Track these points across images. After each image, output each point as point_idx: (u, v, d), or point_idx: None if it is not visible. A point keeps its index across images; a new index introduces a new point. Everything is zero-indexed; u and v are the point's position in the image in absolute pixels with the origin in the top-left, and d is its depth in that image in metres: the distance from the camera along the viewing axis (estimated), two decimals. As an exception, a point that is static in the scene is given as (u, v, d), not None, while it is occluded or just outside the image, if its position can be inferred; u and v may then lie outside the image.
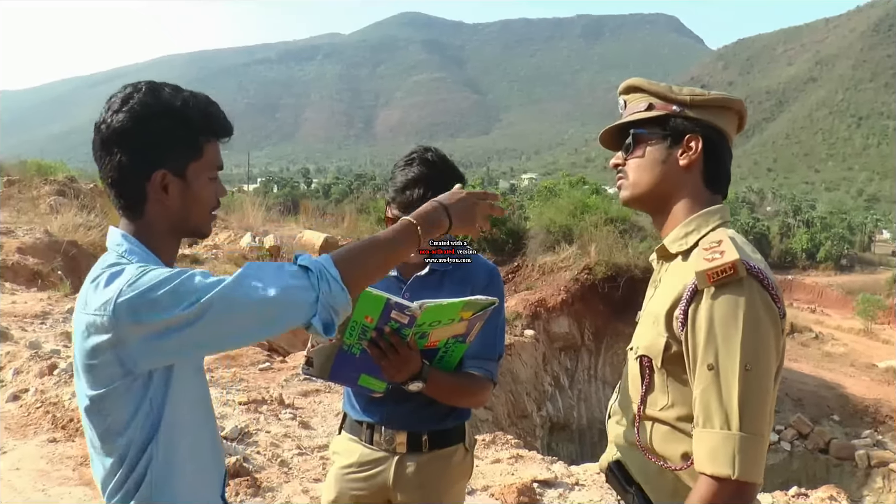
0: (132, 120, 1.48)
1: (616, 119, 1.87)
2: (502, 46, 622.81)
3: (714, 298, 1.49)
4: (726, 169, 1.77)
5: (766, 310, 1.50)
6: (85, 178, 18.93)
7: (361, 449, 2.37)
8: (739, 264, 1.49)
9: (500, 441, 6.06)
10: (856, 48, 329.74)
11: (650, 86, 1.76)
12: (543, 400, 13.01)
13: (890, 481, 13.75)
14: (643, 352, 1.66)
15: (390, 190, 2.27)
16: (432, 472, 2.33)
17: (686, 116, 1.71)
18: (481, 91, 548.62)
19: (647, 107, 1.74)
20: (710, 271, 1.49)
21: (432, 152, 2.29)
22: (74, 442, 4.81)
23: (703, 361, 1.49)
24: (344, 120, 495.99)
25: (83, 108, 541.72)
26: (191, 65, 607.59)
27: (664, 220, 1.77)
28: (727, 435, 1.45)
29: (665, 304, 1.61)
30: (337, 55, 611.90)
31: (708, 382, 1.48)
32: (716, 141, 1.72)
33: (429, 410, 2.29)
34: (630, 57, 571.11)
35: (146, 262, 1.48)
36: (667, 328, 1.59)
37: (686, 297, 1.53)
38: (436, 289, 2.28)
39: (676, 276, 1.65)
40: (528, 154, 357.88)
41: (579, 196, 17.77)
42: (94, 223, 11.61)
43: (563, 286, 14.00)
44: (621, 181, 1.81)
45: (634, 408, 1.69)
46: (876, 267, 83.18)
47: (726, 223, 1.71)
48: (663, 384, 1.62)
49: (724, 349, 1.47)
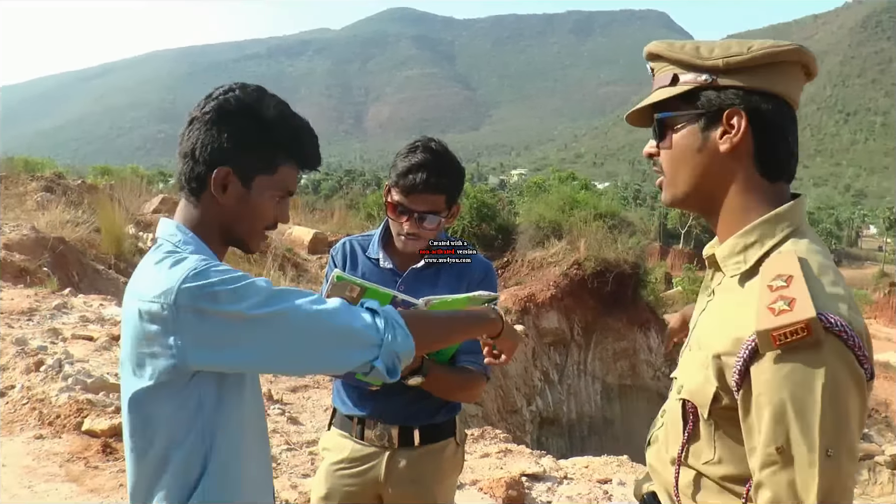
0: (219, 110, 1.49)
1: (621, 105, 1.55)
2: (492, 42, 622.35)
3: (782, 365, 1.16)
4: (787, 146, 1.35)
5: (851, 377, 1.17)
6: (73, 174, 18.83)
7: (352, 444, 2.36)
8: (815, 325, 1.14)
9: (489, 435, 6.07)
10: (844, 44, 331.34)
11: (672, 52, 1.37)
12: (533, 395, 13.03)
13: (876, 473, 13.83)
14: (687, 395, 1.35)
15: (392, 174, 2.25)
16: (424, 467, 2.33)
17: (721, 86, 1.32)
18: (471, 87, 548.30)
19: (672, 80, 1.36)
20: (777, 332, 1.15)
21: (436, 142, 2.29)
22: (61, 438, 4.79)
23: (770, 442, 1.17)
24: (334, 116, 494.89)
25: (72, 104, 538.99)
26: (180, 60, 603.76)
27: (719, 224, 1.40)
28: None
29: (716, 343, 1.28)
30: (327, 50, 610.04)
31: (777, 468, 1.17)
32: (768, 111, 1.32)
33: (421, 404, 2.29)
34: (620, 53, 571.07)
35: (203, 255, 1.46)
36: (717, 377, 1.27)
37: (744, 354, 1.20)
38: (431, 282, 2.29)
39: (733, 304, 1.31)
40: (517, 150, 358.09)
41: (569, 191, 17.81)
42: (81, 219, 11.53)
43: (552, 281, 14.00)
44: (660, 178, 1.45)
45: (674, 451, 1.40)
46: (863, 262, 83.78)
47: (798, 229, 1.33)
48: (710, 437, 1.33)
49: (798, 431, 1.15)
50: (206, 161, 1.49)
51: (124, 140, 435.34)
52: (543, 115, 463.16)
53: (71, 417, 4.95)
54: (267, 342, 1.37)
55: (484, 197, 17.98)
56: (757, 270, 1.29)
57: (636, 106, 1.45)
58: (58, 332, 6.91)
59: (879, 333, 45.15)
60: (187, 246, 1.48)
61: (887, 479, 13.75)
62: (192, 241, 1.50)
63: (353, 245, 2.44)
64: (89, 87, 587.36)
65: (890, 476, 13.77)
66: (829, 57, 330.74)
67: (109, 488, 4.16)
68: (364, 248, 2.41)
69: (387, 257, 2.36)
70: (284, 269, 12.53)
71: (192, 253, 1.45)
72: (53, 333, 6.88)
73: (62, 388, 5.28)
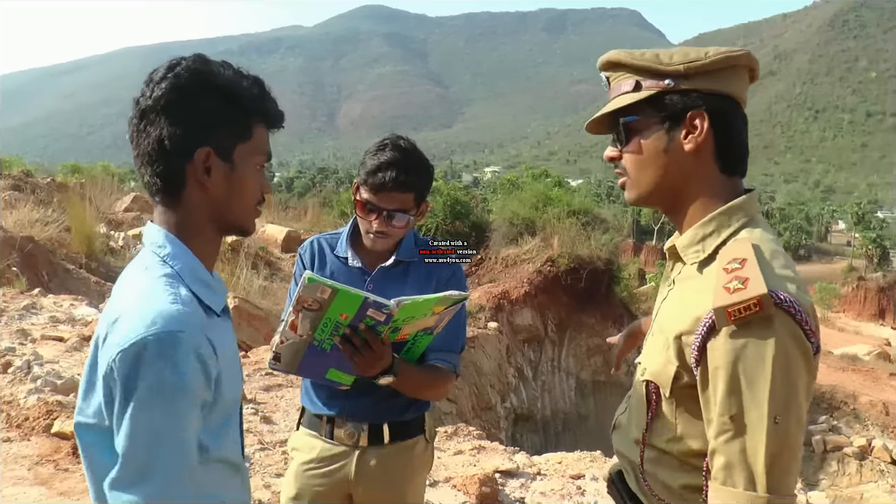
0: (176, 90, 1.33)
1: (593, 103, 1.65)
2: (465, 40, 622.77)
3: (736, 339, 1.26)
4: (742, 143, 1.46)
5: (799, 349, 1.27)
6: (42, 172, 18.60)
7: (321, 444, 2.35)
8: (766, 300, 1.24)
9: (463, 432, 6.08)
10: (812, 43, 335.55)
11: (633, 59, 1.44)
12: (507, 392, 13.06)
13: (845, 465, 14.05)
14: (650, 377, 1.45)
15: (361, 172, 2.24)
16: (394, 465, 2.33)
17: (683, 90, 1.41)
18: (444, 84, 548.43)
19: (635, 86, 1.43)
20: (731, 308, 1.25)
21: (404, 140, 2.29)
22: (30, 441, 4.72)
23: (725, 411, 1.27)
24: (306, 113, 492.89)
25: (41, 101, 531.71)
26: (151, 57, 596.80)
27: (681, 218, 1.49)
28: (752, 497, 1.26)
29: (676, 325, 1.38)
30: (299, 48, 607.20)
31: (730, 435, 1.27)
32: (725, 111, 1.42)
33: (390, 402, 2.29)
34: (592, 50, 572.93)
35: (191, 273, 1.37)
36: (678, 356, 1.37)
37: (701, 331, 1.30)
38: (400, 281, 2.28)
39: (692, 290, 1.40)
40: (491, 147, 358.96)
41: (542, 189, 17.84)
42: (51, 218, 11.38)
43: (526, 278, 14.04)
44: (622, 179, 1.52)
45: (639, 432, 1.51)
46: (832, 257, 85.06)
47: (753, 220, 1.44)
48: (672, 414, 1.42)
49: (750, 399, 1.25)
50: (179, 152, 1.34)
51: (95, 137, 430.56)
52: (516, 112, 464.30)
53: (40, 419, 4.88)
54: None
55: (457, 194, 17.97)
56: (714, 258, 1.39)
57: (600, 112, 1.50)
58: (27, 333, 6.81)
59: (848, 327, 45.85)
60: (175, 262, 1.36)
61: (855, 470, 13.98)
62: (182, 253, 1.38)
63: (321, 243, 2.42)
64: (59, 84, 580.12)
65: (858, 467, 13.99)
66: (797, 55, 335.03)
67: (80, 491, 4.11)
68: (332, 246, 2.40)
69: (355, 256, 2.35)
70: (258, 268, 12.45)
71: (178, 272, 1.35)
72: (22, 334, 6.78)
73: (31, 390, 5.21)
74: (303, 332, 1.94)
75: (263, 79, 1.48)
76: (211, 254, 1.48)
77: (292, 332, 1.95)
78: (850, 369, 23.55)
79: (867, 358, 26.63)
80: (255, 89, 1.42)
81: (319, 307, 1.87)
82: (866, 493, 12.90)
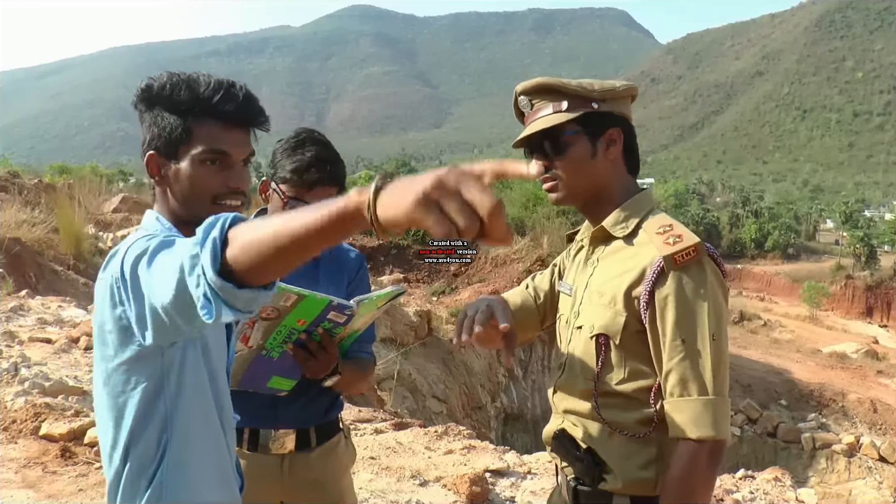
0: (134, 106, 1.56)
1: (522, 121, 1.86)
2: (453, 40, 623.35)
3: (680, 278, 1.61)
4: (637, 150, 1.88)
5: (720, 284, 1.67)
6: (29, 173, 18.49)
7: (241, 459, 2.20)
8: (700, 247, 1.63)
9: (453, 432, 6.08)
10: (800, 43, 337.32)
11: (567, 86, 1.76)
12: (497, 391, 13.08)
13: (833, 462, 14.12)
14: (600, 331, 1.71)
15: (285, 169, 2.18)
16: (323, 467, 2.30)
17: (602, 112, 1.76)
18: (432, 84, 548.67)
19: (568, 106, 1.75)
20: (677, 255, 1.61)
21: (318, 133, 2.27)
22: (17, 444, 4.69)
23: (676, 336, 1.60)
24: (295, 113, 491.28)
25: (27, 101, 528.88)
26: (138, 57, 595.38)
27: (596, 210, 1.83)
28: (706, 401, 1.58)
29: (621, 284, 1.69)
30: (287, 48, 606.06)
31: (682, 355, 1.60)
32: (629, 127, 1.82)
33: (315, 404, 2.27)
34: (580, 50, 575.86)
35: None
36: (626, 308, 1.67)
37: (651, 278, 1.63)
38: (312, 277, 2.25)
39: (626, 258, 1.73)
40: (480, 147, 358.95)
41: (531, 188, 17.89)
42: (38, 219, 11.31)
43: (516, 278, 14.05)
44: (552, 184, 1.80)
45: (588, 383, 1.75)
46: (820, 255, 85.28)
47: (654, 209, 1.81)
48: (620, 359, 1.71)
49: (694, 323, 1.60)
50: (143, 153, 1.56)
51: (82, 138, 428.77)
52: (505, 112, 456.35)
53: (28, 422, 4.85)
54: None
55: (447, 194, 17.95)
56: (636, 233, 1.75)
57: (537, 128, 1.76)
58: (14, 335, 6.77)
59: (836, 325, 46.08)
60: (163, 227, 1.53)
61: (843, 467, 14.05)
62: (168, 230, 1.51)
63: None
64: (45, 85, 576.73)
65: (846, 464, 14.06)
66: (785, 55, 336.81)
67: (68, 493, 4.08)
68: None
69: None
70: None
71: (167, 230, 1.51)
72: (9, 336, 6.74)
73: (18, 392, 5.18)
74: (254, 343, 1.88)
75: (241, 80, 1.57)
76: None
77: (242, 345, 1.87)
78: (839, 367, 23.72)
79: (855, 356, 26.79)
80: (193, 86, 1.50)
81: (277, 315, 1.80)
82: (854, 489, 12.97)
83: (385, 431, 5.99)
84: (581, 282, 1.86)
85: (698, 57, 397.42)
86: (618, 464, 1.70)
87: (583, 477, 1.77)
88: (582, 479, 1.77)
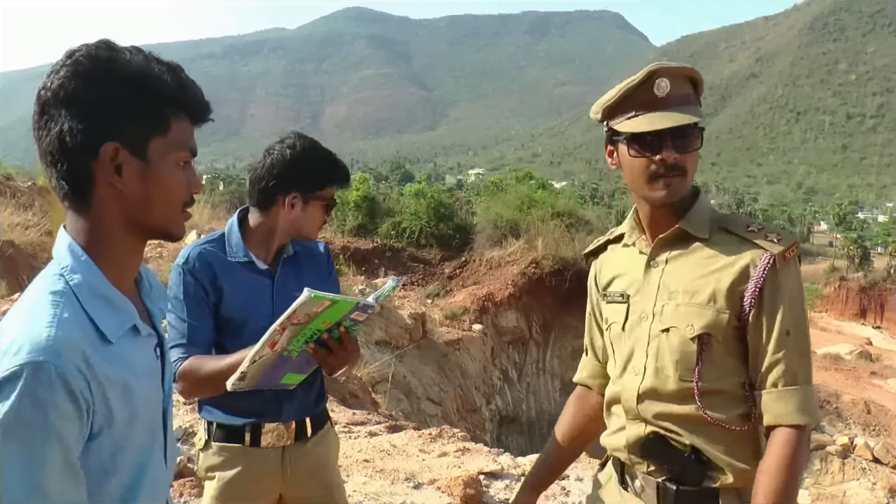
0: (76, 77, 1.17)
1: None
2: (448, 42, 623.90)
3: (787, 273, 1.68)
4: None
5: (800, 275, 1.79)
6: (22, 175, 18.39)
7: (243, 455, 2.28)
8: (798, 244, 1.71)
9: (447, 434, 6.07)
10: (793, 45, 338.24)
11: (701, 81, 1.80)
12: (492, 394, 13.08)
13: (827, 463, 14.14)
14: (703, 330, 1.72)
15: (319, 178, 2.29)
16: (317, 455, 2.37)
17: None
18: (428, 87, 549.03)
19: (698, 101, 1.78)
20: (788, 252, 1.68)
21: (307, 136, 2.35)
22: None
23: (783, 328, 1.66)
24: (290, 115, 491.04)
25: (21, 103, 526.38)
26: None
27: (680, 210, 1.80)
28: (806, 388, 1.67)
29: (720, 282, 1.71)
30: (283, 50, 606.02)
31: (789, 346, 1.66)
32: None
33: (310, 396, 2.34)
34: (575, 53, 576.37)
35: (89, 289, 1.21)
36: (728, 305, 1.70)
37: (761, 275, 1.67)
38: (298, 273, 2.31)
39: (710, 257, 1.75)
40: (475, 149, 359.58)
41: (526, 191, 17.89)
42: (32, 222, 11.28)
43: (510, 280, 14.07)
44: (675, 178, 1.73)
45: (685, 384, 1.75)
46: (815, 257, 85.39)
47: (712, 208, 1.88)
48: (721, 357, 1.73)
49: (797, 315, 1.68)
50: (82, 149, 1.18)
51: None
52: (500, 114, 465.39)
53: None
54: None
55: (441, 197, 17.99)
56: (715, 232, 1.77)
57: (682, 122, 1.70)
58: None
59: (830, 326, 46.19)
60: (73, 276, 1.20)
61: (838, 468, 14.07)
62: (82, 266, 1.22)
63: (207, 254, 2.25)
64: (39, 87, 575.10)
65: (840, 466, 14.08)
66: (779, 58, 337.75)
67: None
68: (222, 252, 2.27)
69: (258, 257, 2.27)
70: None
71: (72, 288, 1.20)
72: (3, 339, 6.72)
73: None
74: (280, 347, 1.86)
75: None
76: (131, 262, 1.32)
77: (269, 349, 1.84)
78: (833, 368, 23.78)
79: (849, 357, 26.87)
80: (170, 77, 1.24)
81: (308, 320, 1.80)
82: (849, 490, 13.00)
83: (379, 434, 5.98)
84: (648, 285, 1.83)
85: (693, 59, 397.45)
86: (726, 460, 1.72)
87: (685, 477, 1.76)
88: (682, 479, 1.76)
